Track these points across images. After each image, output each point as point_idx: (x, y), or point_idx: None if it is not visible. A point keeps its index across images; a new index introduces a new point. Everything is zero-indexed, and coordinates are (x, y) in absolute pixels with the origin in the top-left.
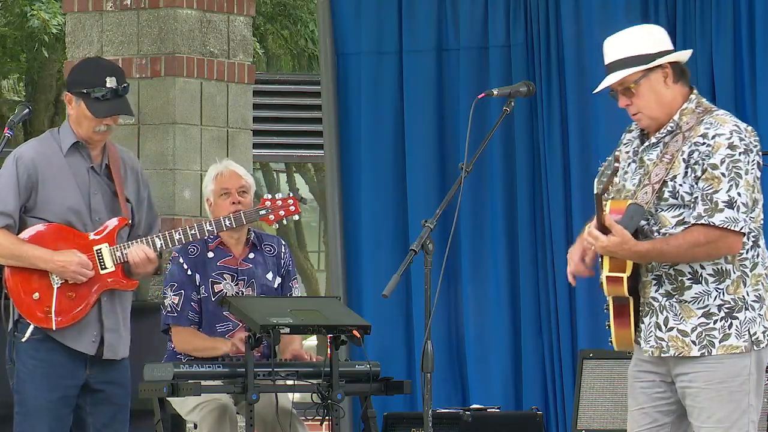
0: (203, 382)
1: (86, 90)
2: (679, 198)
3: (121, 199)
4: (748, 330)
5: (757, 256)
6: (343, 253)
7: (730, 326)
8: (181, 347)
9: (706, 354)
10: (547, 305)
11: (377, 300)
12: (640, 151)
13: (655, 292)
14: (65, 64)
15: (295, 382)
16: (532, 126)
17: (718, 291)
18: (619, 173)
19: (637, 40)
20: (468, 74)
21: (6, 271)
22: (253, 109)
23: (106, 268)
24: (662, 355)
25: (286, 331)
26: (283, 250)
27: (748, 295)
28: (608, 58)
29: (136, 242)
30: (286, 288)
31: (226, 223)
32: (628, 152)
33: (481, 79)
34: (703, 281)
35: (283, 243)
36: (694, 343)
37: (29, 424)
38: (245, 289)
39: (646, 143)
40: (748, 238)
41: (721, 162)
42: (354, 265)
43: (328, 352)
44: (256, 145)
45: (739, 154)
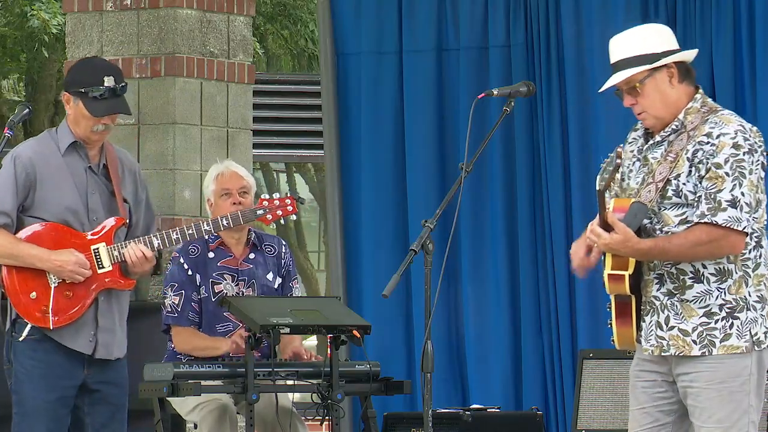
0: (203, 382)
1: (84, 89)
2: (683, 197)
3: (118, 199)
4: (749, 330)
5: (760, 257)
6: (343, 253)
7: (731, 326)
8: (182, 347)
9: (707, 354)
10: (547, 305)
11: (377, 300)
12: (644, 150)
13: (657, 290)
14: (65, 64)
15: (295, 382)
16: (532, 126)
17: (720, 291)
18: (624, 172)
19: (642, 40)
20: (468, 74)
21: (3, 271)
22: (253, 109)
23: (104, 268)
24: (663, 354)
25: (286, 331)
26: (284, 251)
27: (750, 296)
28: (614, 57)
29: (134, 241)
30: (287, 288)
31: (224, 223)
32: (632, 151)
33: (481, 79)
34: (704, 281)
35: (284, 243)
36: (694, 342)
37: (27, 425)
38: (246, 289)
39: (651, 142)
40: (751, 238)
41: (725, 161)
42: (354, 265)
43: (328, 352)
44: (256, 145)
45: (744, 154)
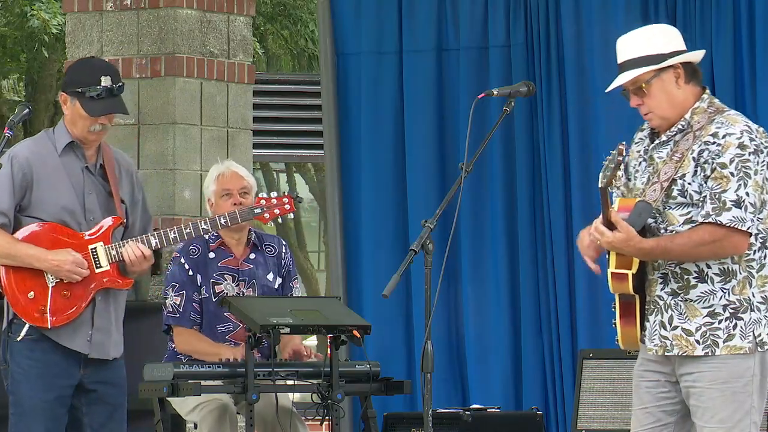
0: (203, 382)
1: (81, 89)
2: (688, 196)
3: (116, 199)
4: (753, 331)
5: (765, 258)
6: (343, 253)
7: (735, 327)
8: (183, 348)
9: (710, 354)
10: (547, 305)
11: (377, 300)
12: (650, 150)
13: (661, 290)
14: (65, 64)
15: (295, 382)
16: (532, 126)
17: (724, 291)
18: (630, 172)
19: (649, 40)
20: (468, 74)
21: (1, 271)
22: (253, 109)
23: (101, 267)
24: (666, 354)
25: (286, 331)
26: (284, 251)
27: (754, 296)
28: (621, 57)
29: (132, 241)
30: (287, 288)
31: (222, 222)
32: (639, 151)
33: (481, 79)
34: (708, 280)
35: (284, 243)
36: (698, 342)
37: (25, 425)
38: (246, 289)
39: (656, 141)
40: (756, 239)
41: (731, 161)
42: (354, 265)
43: (328, 352)
44: (256, 145)
45: (749, 154)
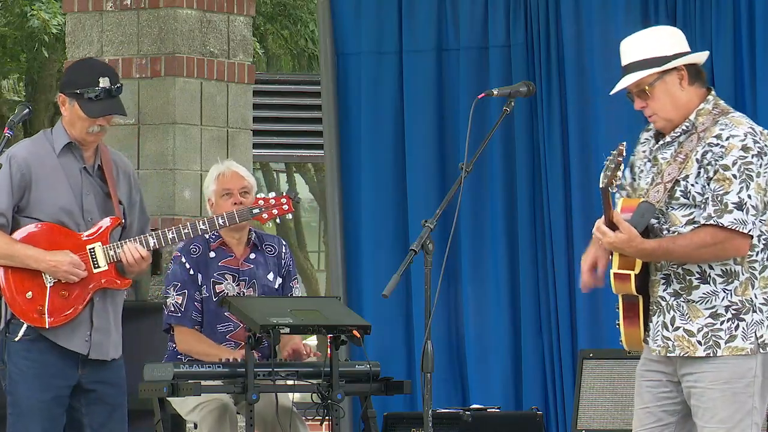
0: (203, 382)
1: (79, 90)
2: (691, 198)
3: (114, 200)
4: (755, 332)
5: (767, 259)
6: (343, 253)
7: (737, 328)
8: (184, 348)
9: (712, 355)
10: (547, 305)
11: (377, 300)
12: (654, 150)
13: (663, 291)
14: (65, 64)
15: (295, 382)
16: (532, 126)
17: (726, 292)
18: (636, 172)
19: (653, 42)
20: (468, 74)
21: None
22: (253, 109)
23: (100, 267)
24: (668, 355)
25: (286, 331)
26: (284, 251)
27: (756, 298)
28: (624, 59)
29: (130, 241)
30: (287, 288)
31: (220, 222)
32: (644, 151)
33: (481, 79)
34: (711, 282)
35: (284, 243)
36: (699, 343)
37: (22, 425)
38: (246, 289)
39: (661, 142)
40: (759, 240)
41: (733, 163)
42: (354, 265)
43: (328, 352)
44: (256, 145)
45: (752, 157)
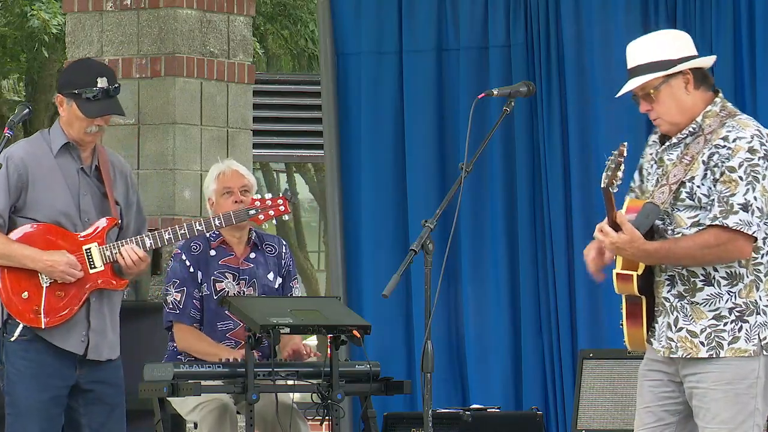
0: (203, 382)
1: (77, 91)
2: (696, 199)
3: (110, 201)
4: (758, 334)
5: None
6: (343, 253)
7: (740, 329)
8: (183, 345)
9: (714, 356)
10: (547, 305)
11: (377, 300)
12: (660, 152)
13: (668, 292)
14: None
15: (295, 382)
16: (532, 126)
17: (730, 294)
18: (644, 174)
19: (659, 46)
20: (468, 74)
21: None
22: (253, 109)
23: (96, 268)
24: (672, 356)
25: (286, 331)
26: (284, 251)
27: (761, 300)
28: (630, 62)
29: (127, 243)
30: (287, 288)
31: (216, 223)
32: (651, 153)
33: (481, 79)
34: (715, 283)
35: (284, 243)
36: (702, 344)
37: (20, 425)
38: (246, 288)
39: (667, 143)
40: (765, 243)
41: (740, 165)
42: (354, 265)
43: (328, 352)
44: (256, 145)
45: (759, 159)
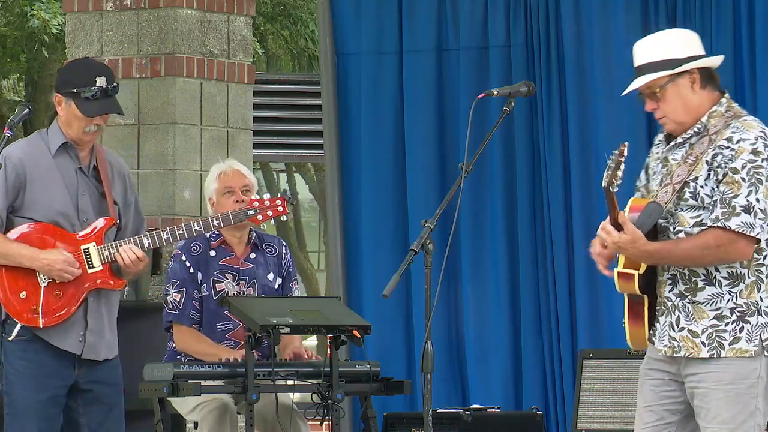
0: (203, 382)
1: (76, 90)
2: (699, 200)
3: (109, 201)
4: (760, 335)
5: None
6: (343, 253)
7: (741, 330)
8: (182, 346)
9: (715, 356)
10: (547, 305)
11: (377, 300)
12: (664, 151)
13: (669, 291)
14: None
15: (295, 382)
16: (532, 126)
17: (732, 294)
18: (650, 174)
19: (666, 45)
20: (468, 74)
21: None
22: (253, 109)
23: (94, 267)
24: (674, 355)
25: (286, 331)
26: (284, 251)
27: (762, 301)
28: (637, 60)
29: (125, 242)
30: (287, 289)
31: (214, 223)
32: (657, 153)
33: (481, 79)
34: (716, 283)
35: (284, 244)
36: (704, 344)
37: (19, 425)
38: (246, 288)
39: (672, 143)
40: (767, 244)
41: (743, 167)
42: (354, 265)
43: (328, 352)
44: (256, 145)
45: (762, 161)
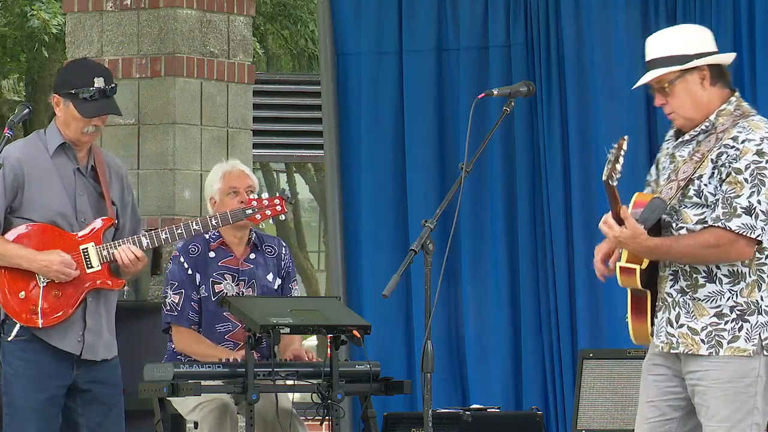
0: (203, 382)
1: (74, 91)
2: (703, 198)
3: (107, 201)
4: (759, 334)
5: None
6: (343, 253)
7: (740, 329)
8: (181, 347)
9: (714, 354)
10: (547, 305)
11: (377, 300)
12: (672, 147)
13: (671, 287)
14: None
15: (295, 382)
16: (532, 126)
17: (732, 293)
18: (660, 169)
19: (677, 40)
20: (468, 74)
21: None
22: (253, 109)
23: (93, 268)
24: (672, 351)
25: (286, 331)
26: (284, 252)
27: (762, 300)
28: (648, 55)
29: (123, 241)
30: (286, 289)
31: (213, 223)
32: (667, 149)
33: (481, 79)
34: (717, 281)
35: (284, 244)
36: (703, 341)
37: (17, 425)
38: (246, 289)
39: (680, 140)
40: None
41: (746, 167)
42: (354, 265)
43: (328, 352)
44: (256, 145)
45: (766, 162)
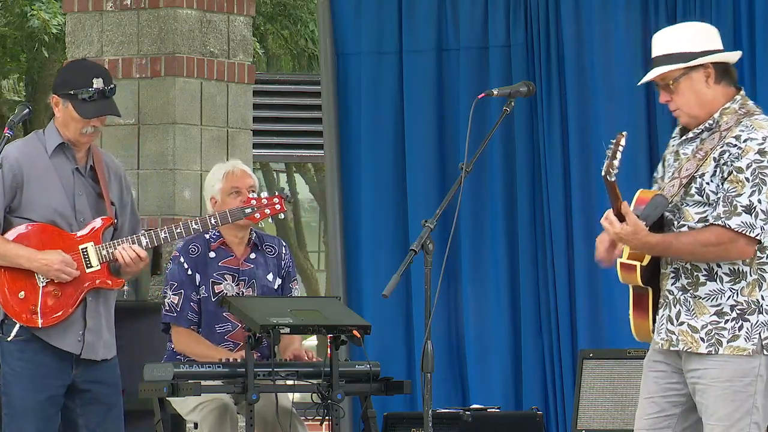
0: (203, 382)
1: (73, 91)
2: (705, 196)
3: (106, 201)
4: (759, 334)
5: None
6: (343, 253)
7: (740, 328)
8: (180, 348)
9: (713, 352)
10: (547, 305)
11: (377, 300)
12: (676, 145)
13: (672, 285)
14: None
15: (295, 382)
16: (532, 126)
17: (733, 291)
18: (666, 166)
19: (683, 37)
20: (468, 74)
21: None
22: (253, 109)
23: (92, 267)
24: (671, 348)
25: (286, 331)
26: (284, 252)
27: (763, 299)
28: (654, 52)
29: (123, 241)
30: (286, 289)
31: (212, 222)
32: (673, 146)
33: (481, 79)
34: (717, 279)
35: (284, 244)
36: (702, 340)
37: (16, 425)
38: (246, 289)
39: (684, 137)
40: None
41: (747, 166)
42: (354, 265)
43: (328, 352)
44: (256, 145)
45: None
